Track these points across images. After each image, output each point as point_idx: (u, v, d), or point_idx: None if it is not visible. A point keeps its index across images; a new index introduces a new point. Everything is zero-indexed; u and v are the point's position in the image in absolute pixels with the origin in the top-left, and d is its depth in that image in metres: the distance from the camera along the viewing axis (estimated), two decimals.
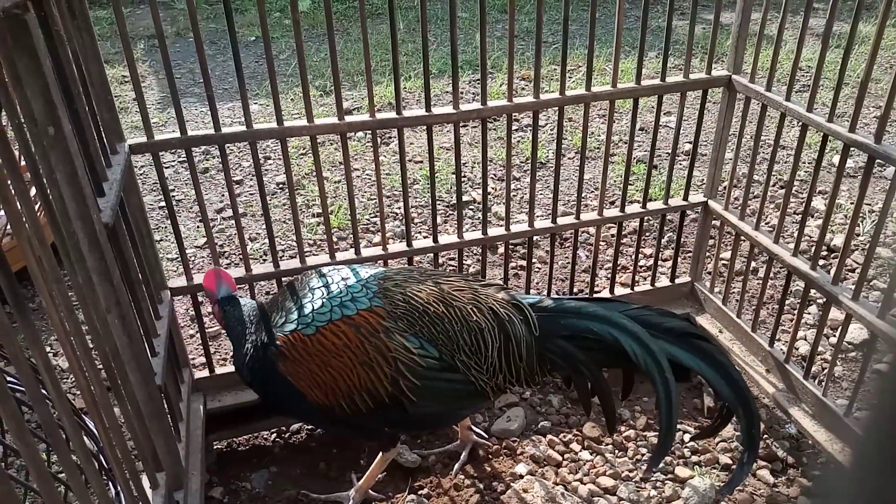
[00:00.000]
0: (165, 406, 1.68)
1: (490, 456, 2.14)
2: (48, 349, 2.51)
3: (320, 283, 1.74)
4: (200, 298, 2.32)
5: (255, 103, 4.46)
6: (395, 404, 1.70)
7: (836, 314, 2.54)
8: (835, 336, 2.54)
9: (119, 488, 1.37)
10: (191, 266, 2.11)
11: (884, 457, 0.33)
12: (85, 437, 1.27)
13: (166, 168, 3.74)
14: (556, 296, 1.86)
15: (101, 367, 1.28)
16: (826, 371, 2.20)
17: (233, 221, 2.25)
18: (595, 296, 2.47)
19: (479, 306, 1.76)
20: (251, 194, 3.53)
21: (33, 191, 1.17)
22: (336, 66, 1.86)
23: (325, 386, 1.68)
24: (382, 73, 4.75)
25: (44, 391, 1.06)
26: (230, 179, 1.96)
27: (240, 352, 1.76)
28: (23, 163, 1.20)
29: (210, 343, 2.51)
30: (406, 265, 2.18)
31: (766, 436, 2.19)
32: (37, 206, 1.47)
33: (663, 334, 1.70)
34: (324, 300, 1.69)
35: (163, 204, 3.40)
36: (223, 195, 3.54)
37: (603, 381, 1.77)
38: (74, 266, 1.23)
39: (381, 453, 1.94)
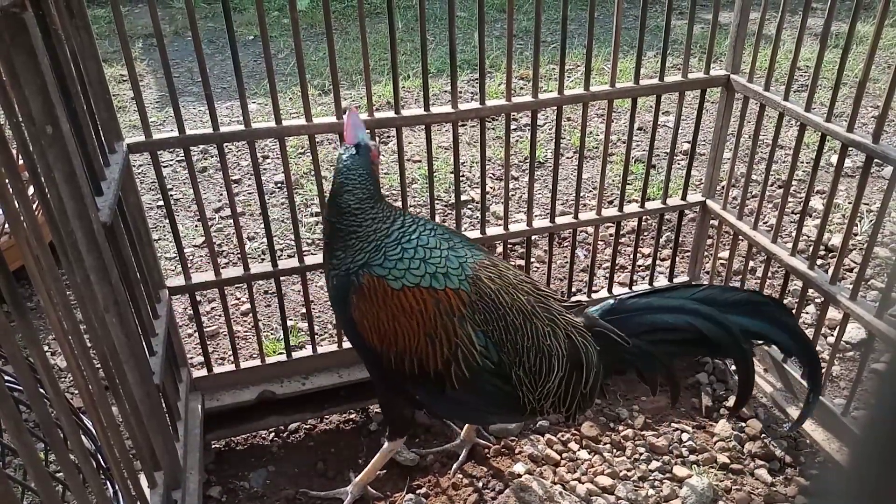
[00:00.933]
0: (163, 405, 1.68)
1: (488, 455, 2.15)
2: (46, 348, 2.51)
3: (433, 242, 1.75)
4: (199, 298, 2.31)
5: (254, 102, 4.46)
6: (438, 382, 1.72)
7: (833, 314, 2.54)
8: (833, 335, 2.55)
9: (117, 487, 1.37)
10: (189, 265, 2.11)
11: (882, 456, 0.33)
12: (83, 437, 1.27)
13: (164, 167, 3.74)
14: (618, 296, 1.89)
15: (98, 366, 1.28)
16: (824, 370, 2.20)
17: (231, 221, 2.25)
18: (656, 287, 2.46)
19: (557, 330, 1.76)
20: (249, 193, 3.53)
21: (31, 190, 1.17)
22: (334, 66, 1.86)
23: (383, 335, 1.71)
24: (381, 72, 4.75)
25: (42, 390, 1.06)
26: (228, 179, 1.96)
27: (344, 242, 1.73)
28: (21, 162, 1.19)
29: (208, 342, 2.50)
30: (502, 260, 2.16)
31: (764, 435, 2.20)
32: (35, 206, 1.47)
33: (731, 308, 1.79)
34: (422, 262, 1.71)
35: (161, 203, 3.40)
36: (221, 194, 3.53)
37: (673, 368, 1.86)
38: (72, 265, 1.23)
39: (385, 443, 1.95)
